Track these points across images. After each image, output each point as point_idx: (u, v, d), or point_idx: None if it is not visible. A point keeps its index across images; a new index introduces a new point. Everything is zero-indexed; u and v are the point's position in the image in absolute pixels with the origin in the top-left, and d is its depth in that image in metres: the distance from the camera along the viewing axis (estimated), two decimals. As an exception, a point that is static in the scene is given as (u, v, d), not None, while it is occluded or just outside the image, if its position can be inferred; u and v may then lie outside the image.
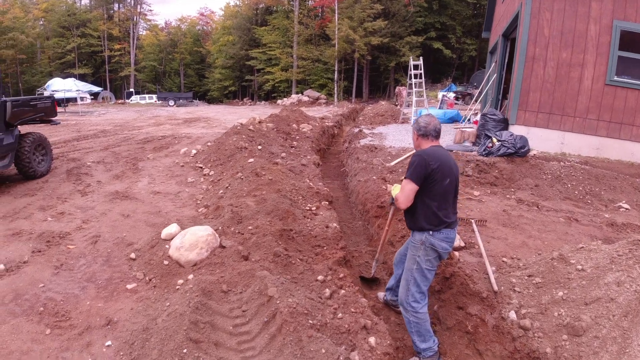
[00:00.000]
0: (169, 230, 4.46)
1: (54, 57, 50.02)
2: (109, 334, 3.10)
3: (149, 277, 3.90)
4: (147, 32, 59.40)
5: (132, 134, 13.44)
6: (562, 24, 8.05)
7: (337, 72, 39.40)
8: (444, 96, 22.15)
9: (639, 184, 6.60)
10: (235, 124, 10.61)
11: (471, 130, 9.74)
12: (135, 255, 4.30)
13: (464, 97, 23.78)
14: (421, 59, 14.94)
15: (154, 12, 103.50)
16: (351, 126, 16.68)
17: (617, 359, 2.48)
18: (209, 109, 30.63)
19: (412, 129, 3.24)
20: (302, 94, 39.43)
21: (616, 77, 7.90)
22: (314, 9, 46.17)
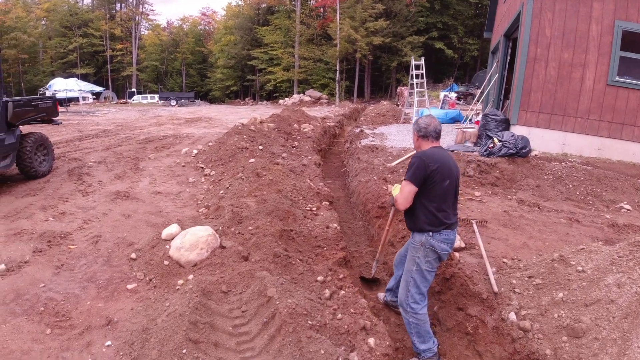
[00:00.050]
0: (170, 230, 4.47)
1: (56, 57, 50.19)
2: (109, 334, 3.11)
3: (149, 277, 3.90)
4: (149, 32, 59.53)
5: (133, 133, 13.47)
6: (564, 24, 8.03)
7: (339, 72, 39.40)
8: (446, 96, 22.12)
9: (640, 185, 6.59)
10: (236, 124, 10.61)
11: (472, 130, 9.73)
12: (135, 255, 4.31)
13: (466, 97, 23.73)
14: (423, 59, 14.95)
15: (156, 12, 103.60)
16: (353, 126, 16.67)
17: (617, 361, 2.48)
18: (210, 109, 30.67)
19: (412, 129, 3.24)
20: (304, 93, 39.46)
21: (618, 78, 7.88)
22: (315, 8, 46.19)
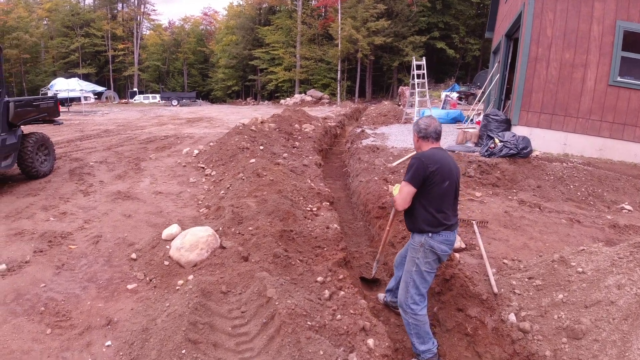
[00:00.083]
0: (170, 230, 4.48)
1: (58, 57, 50.26)
2: (109, 334, 3.11)
3: (150, 278, 3.91)
4: (150, 32, 59.59)
5: (135, 133, 13.49)
6: (565, 25, 8.01)
7: (340, 72, 39.41)
8: (447, 96, 22.08)
9: (642, 186, 6.57)
10: (237, 124, 10.62)
11: (473, 130, 9.71)
12: (136, 255, 4.31)
13: (467, 97, 23.67)
14: (424, 59, 14.94)
15: (157, 11, 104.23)
16: (354, 126, 16.67)
17: (617, 363, 2.47)
18: (212, 109, 30.69)
19: (412, 130, 3.24)
20: (305, 93, 39.45)
21: (619, 78, 7.85)
22: (317, 8, 46.22)
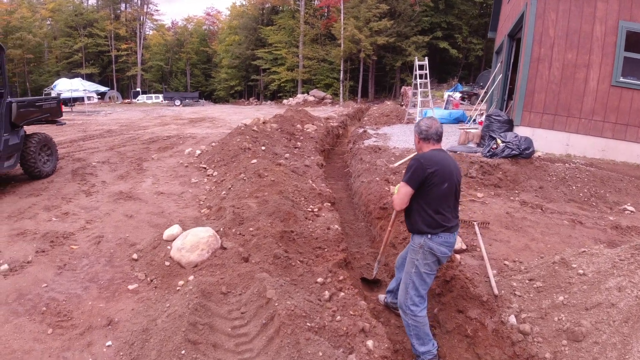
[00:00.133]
0: (171, 231, 4.49)
1: (61, 57, 50.45)
2: (110, 334, 3.13)
3: (150, 278, 3.92)
4: (153, 32, 59.75)
5: (137, 134, 13.52)
6: (568, 25, 7.97)
7: (343, 72, 39.41)
8: (450, 96, 22.03)
9: (644, 186, 6.53)
10: (239, 125, 10.64)
11: (476, 131, 9.69)
12: (137, 255, 4.33)
13: (470, 97, 23.59)
14: (426, 59, 14.93)
15: (160, 11, 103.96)
16: (356, 126, 16.66)
17: (617, 365, 2.47)
18: (214, 109, 30.75)
19: (414, 131, 3.24)
20: (308, 93, 39.46)
21: (622, 78, 7.81)
22: (319, 8, 46.25)
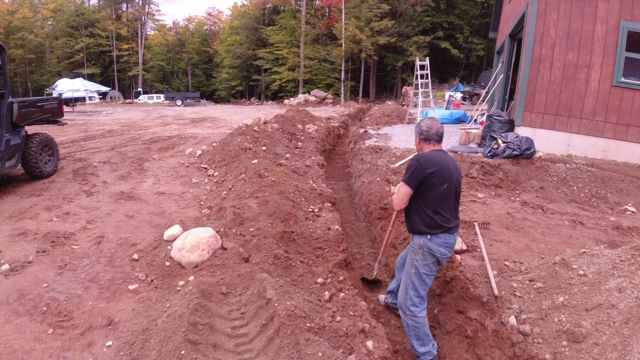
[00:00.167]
0: (172, 231, 4.49)
1: (63, 57, 50.52)
2: (110, 334, 3.13)
3: (151, 278, 3.93)
4: (155, 32, 59.80)
5: (138, 134, 13.53)
6: (569, 25, 7.96)
7: (344, 72, 39.37)
8: (451, 96, 22.03)
9: (646, 187, 6.52)
10: (240, 125, 10.64)
11: (476, 131, 9.68)
12: (138, 256, 4.34)
13: (471, 98, 23.60)
14: (427, 59, 14.94)
15: (161, 12, 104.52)
16: (357, 126, 16.66)
17: (617, 367, 2.46)
18: (215, 109, 30.75)
19: (414, 132, 3.24)
20: (309, 93, 39.44)
21: (623, 79, 7.79)
22: (321, 8, 46.21)
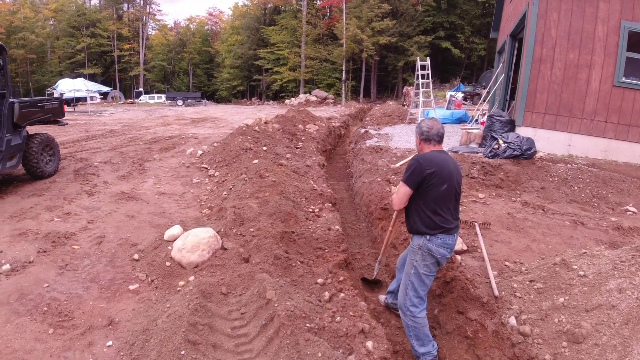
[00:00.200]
0: (172, 231, 4.50)
1: (64, 57, 50.62)
2: (110, 334, 3.14)
3: (151, 278, 3.93)
4: (156, 32, 59.89)
5: (139, 134, 13.54)
6: (570, 25, 7.95)
7: (345, 72, 39.36)
8: (452, 96, 22.03)
9: (647, 187, 6.51)
10: (240, 125, 10.64)
11: (477, 131, 9.68)
12: (138, 256, 4.34)
13: (473, 97, 23.60)
14: (428, 59, 14.94)
15: (162, 12, 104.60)
16: (358, 126, 16.65)
17: (617, 367, 2.46)
18: (216, 109, 30.77)
19: (415, 132, 3.24)
20: (310, 93, 39.45)
21: (624, 79, 7.78)
22: (322, 8, 46.17)
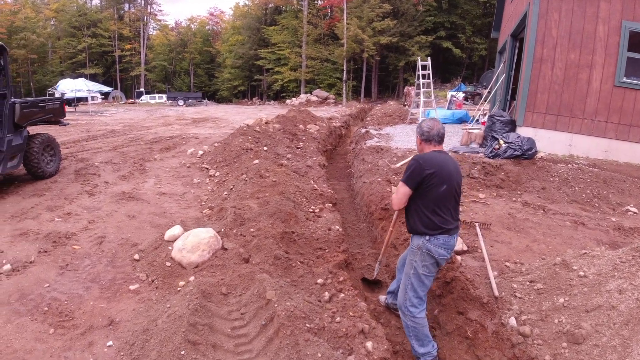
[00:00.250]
0: (172, 232, 4.50)
1: (65, 57, 50.65)
2: (111, 334, 3.14)
3: (152, 278, 3.94)
4: (157, 32, 59.92)
5: (140, 134, 13.55)
6: (571, 25, 7.94)
7: (346, 72, 39.35)
8: (453, 96, 22.02)
9: (648, 187, 6.49)
10: (241, 125, 10.65)
11: (478, 131, 9.67)
12: (138, 256, 4.35)
13: (474, 97, 23.58)
14: (429, 59, 14.93)
15: (164, 12, 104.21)
16: (359, 126, 16.64)
17: (617, 368, 2.46)
18: (217, 109, 30.78)
19: (415, 132, 3.24)
20: (311, 93, 39.46)
21: (625, 79, 7.77)
22: (322, 8, 46.19)
